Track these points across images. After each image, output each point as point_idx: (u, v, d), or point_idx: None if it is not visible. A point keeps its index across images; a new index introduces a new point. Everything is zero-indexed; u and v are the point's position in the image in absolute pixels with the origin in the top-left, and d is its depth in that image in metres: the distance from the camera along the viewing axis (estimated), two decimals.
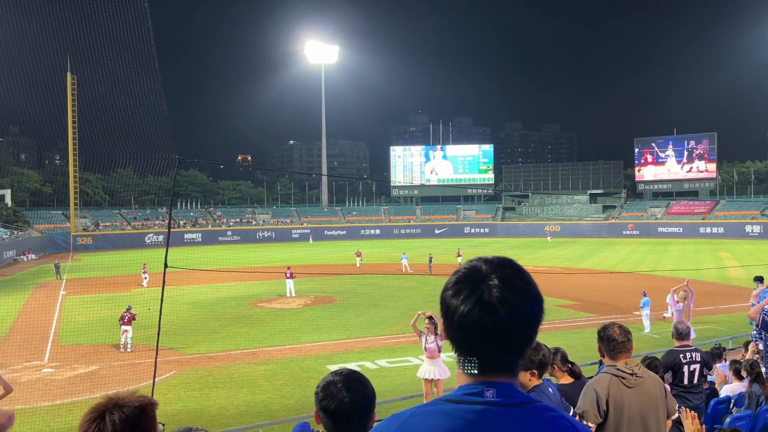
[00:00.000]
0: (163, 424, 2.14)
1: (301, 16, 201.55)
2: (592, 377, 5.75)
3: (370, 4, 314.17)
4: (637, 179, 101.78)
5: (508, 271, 1.55)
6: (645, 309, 22.83)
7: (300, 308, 29.57)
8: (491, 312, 1.48)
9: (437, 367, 12.85)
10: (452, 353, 1.61)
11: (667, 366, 6.91)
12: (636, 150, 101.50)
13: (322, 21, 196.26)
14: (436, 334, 12.95)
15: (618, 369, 4.40)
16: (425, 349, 13.09)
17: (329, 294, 33.26)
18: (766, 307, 9.35)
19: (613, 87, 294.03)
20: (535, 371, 4.57)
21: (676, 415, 4.68)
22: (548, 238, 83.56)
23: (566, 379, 5.73)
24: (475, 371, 1.56)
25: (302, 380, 17.25)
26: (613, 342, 4.55)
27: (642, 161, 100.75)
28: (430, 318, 13.16)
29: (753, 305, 14.78)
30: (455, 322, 1.53)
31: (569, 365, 5.78)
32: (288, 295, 32.41)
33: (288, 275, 32.81)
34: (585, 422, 4.30)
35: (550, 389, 4.37)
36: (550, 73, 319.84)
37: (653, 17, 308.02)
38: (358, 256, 49.35)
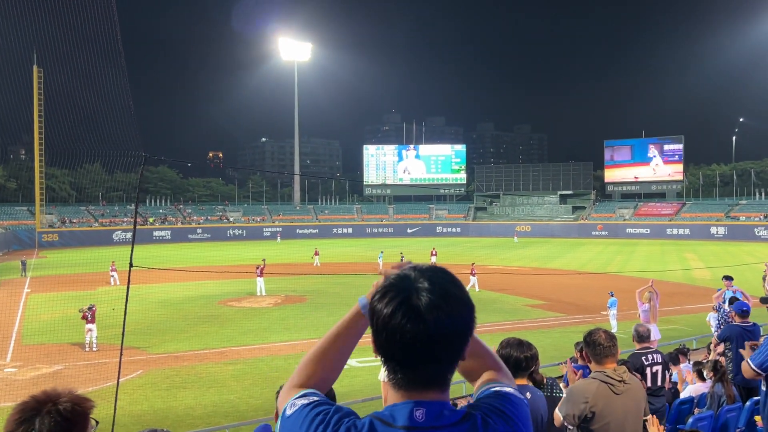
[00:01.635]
0: (97, 422, 2.01)
1: (274, 13, 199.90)
2: (556, 378, 5.77)
3: (344, 3, 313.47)
4: (606, 181, 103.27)
5: (438, 275, 1.49)
6: (612, 309, 23.12)
7: (270, 307, 29.37)
8: (417, 317, 1.41)
9: None
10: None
11: (630, 370, 6.96)
12: (605, 152, 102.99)
13: (295, 18, 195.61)
14: None
15: (607, 375, 4.40)
16: None
17: (300, 293, 33.10)
18: (726, 317, 9.61)
19: (584, 89, 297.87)
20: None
21: (649, 416, 4.73)
22: (515, 238, 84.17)
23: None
24: (404, 384, 1.49)
25: (271, 380, 17.11)
26: (599, 347, 4.57)
27: (611, 163, 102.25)
28: None
29: (716, 307, 15.02)
30: (380, 327, 1.45)
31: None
32: (258, 293, 32.17)
33: (258, 273, 32.55)
34: (565, 423, 4.33)
35: (528, 394, 4.37)
36: (522, 74, 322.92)
37: (623, 20, 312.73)
38: (316, 255, 49.03)
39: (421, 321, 1.40)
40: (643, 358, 7.04)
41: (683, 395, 8.66)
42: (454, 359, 1.49)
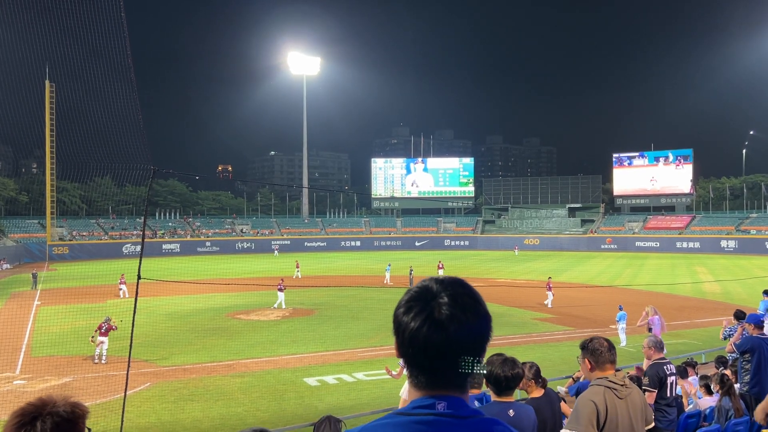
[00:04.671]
0: (89, 429, 2.05)
1: (284, 28, 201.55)
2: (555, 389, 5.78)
3: (353, 17, 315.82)
4: (614, 194, 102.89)
5: (458, 289, 1.62)
6: (621, 323, 23.02)
7: (278, 320, 29.38)
8: (440, 329, 1.54)
9: None
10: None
11: (655, 380, 6.91)
12: (614, 165, 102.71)
13: (304, 33, 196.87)
14: None
15: (610, 381, 4.44)
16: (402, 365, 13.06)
17: (308, 306, 33.10)
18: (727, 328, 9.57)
19: (593, 102, 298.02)
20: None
21: (652, 424, 4.73)
22: (515, 251, 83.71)
23: (537, 392, 5.81)
24: (426, 385, 1.60)
25: (278, 393, 17.12)
26: (601, 355, 4.61)
27: (620, 176, 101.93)
28: None
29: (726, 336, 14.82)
30: (406, 338, 1.58)
31: (541, 379, 5.87)
32: (276, 306, 31.96)
33: (279, 288, 32.56)
34: None
35: (510, 411, 4.39)
36: (531, 88, 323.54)
37: (633, 33, 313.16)
38: (297, 268, 48.88)
39: (444, 332, 1.54)
40: (665, 367, 7.02)
41: (690, 409, 8.61)
42: (470, 364, 1.60)
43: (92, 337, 21.19)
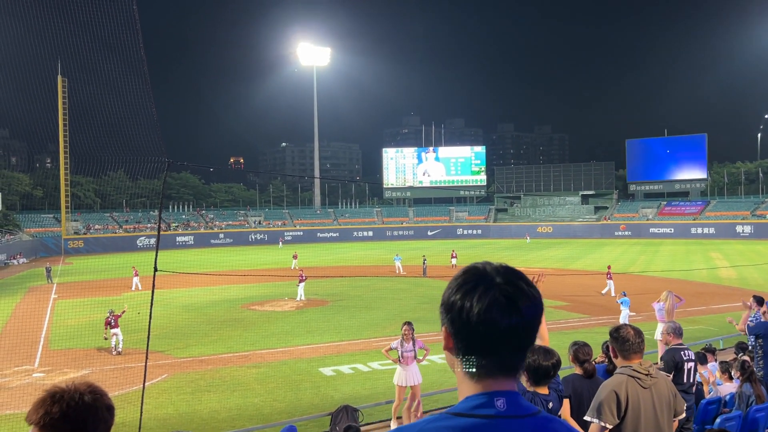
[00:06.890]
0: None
1: (293, 19, 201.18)
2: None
3: (363, 6, 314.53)
4: (628, 180, 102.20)
5: (506, 268, 1.57)
6: (625, 308, 23.08)
7: (292, 311, 29.49)
8: (513, 308, 1.48)
9: (411, 373, 12.78)
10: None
11: (670, 365, 6.87)
12: (627, 151, 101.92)
13: (314, 23, 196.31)
14: (414, 341, 13.04)
15: (634, 370, 4.41)
16: (401, 356, 12.92)
17: (321, 296, 33.19)
18: (751, 315, 9.46)
19: (605, 88, 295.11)
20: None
21: (683, 415, 4.70)
22: (527, 239, 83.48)
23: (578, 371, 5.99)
24: (484, 373, 1.52)
25: (294, 383, 17.19)
26: (627, 342, 4.57)
27: (633, 162, 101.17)
28: (409, 324, 13.23)
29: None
30: (471, 322, 1.48)
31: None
32: (298, 298, 31.98)
33: (301, 278, 32.45)
34: (600, 423, 4.24)
35: (550, 404, 4.43)
36: (542, 75, 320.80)
37: (645, 19, 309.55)
38: (294, 258, 49.08)
39: (516, 311, 1.47)
40: (682, 353, 6.96)
41: (710, 396, 8.54)
42: (531, 345, 1.56)
43: (105, 335, 21.44)
